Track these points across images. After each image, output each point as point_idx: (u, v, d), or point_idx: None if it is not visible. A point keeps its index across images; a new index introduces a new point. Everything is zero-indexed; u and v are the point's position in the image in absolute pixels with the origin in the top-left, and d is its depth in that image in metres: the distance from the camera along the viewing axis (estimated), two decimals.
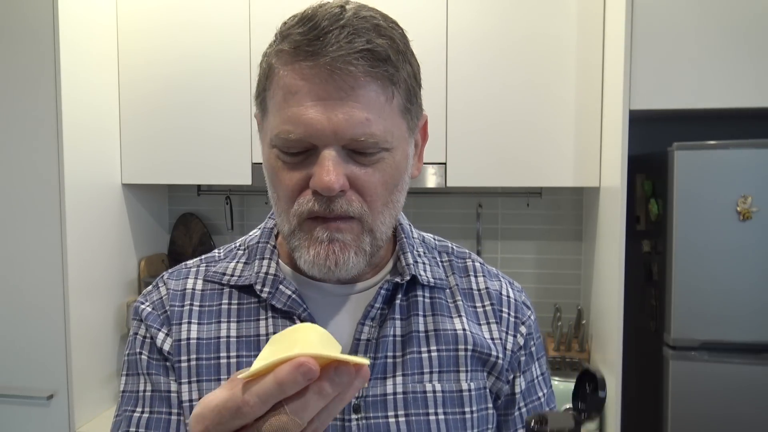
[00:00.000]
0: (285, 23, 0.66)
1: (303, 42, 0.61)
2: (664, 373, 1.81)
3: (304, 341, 0.44)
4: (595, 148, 2.03)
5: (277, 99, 0.64)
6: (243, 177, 2.13)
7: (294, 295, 0.71)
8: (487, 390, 0.74)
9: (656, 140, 1.94)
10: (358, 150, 0.63)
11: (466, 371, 0.73)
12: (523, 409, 0.77)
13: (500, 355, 0.75)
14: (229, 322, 0.72)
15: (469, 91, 2.04)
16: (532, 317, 0.80)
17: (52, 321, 1.93)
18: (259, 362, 0.44)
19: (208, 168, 2.18)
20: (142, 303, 0.76)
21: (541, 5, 2.00)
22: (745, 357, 1.75)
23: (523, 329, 0.78)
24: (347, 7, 0.63)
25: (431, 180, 2.07)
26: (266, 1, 2.09)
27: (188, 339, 0.71)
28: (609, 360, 1.87)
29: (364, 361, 0.44)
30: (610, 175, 1.91)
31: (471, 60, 2.03)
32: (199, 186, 2.54)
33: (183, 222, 2.55)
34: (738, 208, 1.74)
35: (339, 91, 0.61)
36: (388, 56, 0.62)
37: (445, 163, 2.07)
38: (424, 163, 2.05)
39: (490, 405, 0.74)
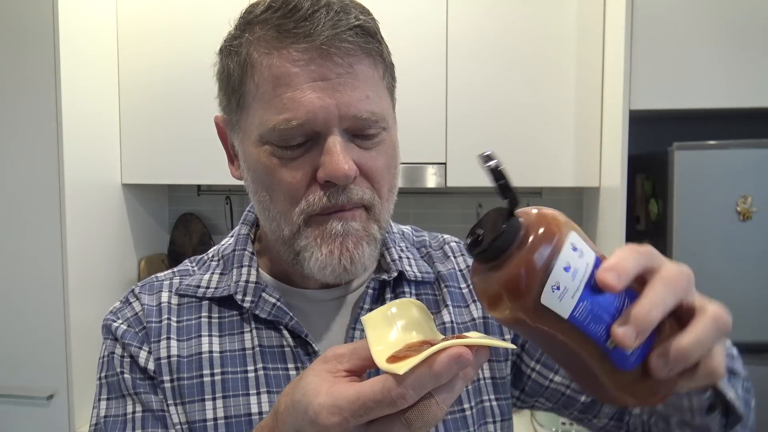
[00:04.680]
0: (249, 12, 0.62)
1: (289, 25, 0.57)
2: None
3: (410, 320, 0.45)
4: (595, 148, 2.03)
5: (264, 90, 0.59)
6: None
7: (279, 303, 0.66)
8: (484, 381, 0.70)
9: (656, 140, 1.94)
10: (361, 131, 0.60)
11: None
12: (538, 366, 0.73)
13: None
14: (210, 336, 0.67)
15: (469, 92, 2.04)
16: None
17: (52, 321, 1.93)
18: (380, 351, 0.43)
19: (208, 168, 2.17)
20: (114, 320, 0.69)
21: (541, 5, 2.00)
22: (745, 357, 1.75)
23: None
24: None
25: (431, 180, 2.07)
26: None
27: (168, 357, 0.66)
28: None
29: (509, 345, 0.45)
30: (610, 175, 1.91)
31: (471, 60, 2.03)
32: (199, 186, 2.54)
33: (183, 222, 2.55)
34: (738, 208, 1.74)
35: (338, 69, 0.58)
36: (375, 31, 0.61)
37: (445, 163, 2.07)
38: (424, 163, 2.07)
39: (486, 397, 0.70)
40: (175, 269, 0.75)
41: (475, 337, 0.43)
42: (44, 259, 1.92)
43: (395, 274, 0.70)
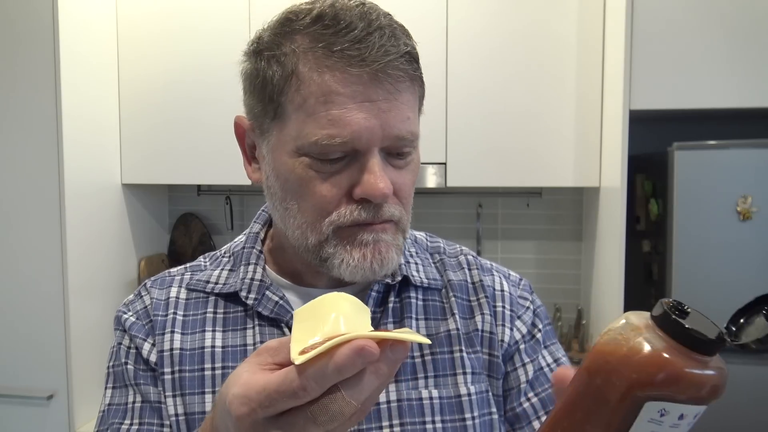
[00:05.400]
0: (291, 20, 0.62)
1: (342, 44, 0.58)
2: None
3: (338, 313, 0.44)
4: (595, 148, 2.03)
5: (310, 104, 0.59)
6: (243, 177, 2.13)
7: (281, 302, 0.68)
8: (490, 393, 0.70)
9: (656, 140, 1.94)
10: (397, 150, 0.63)
11: (464, 374, 0.68)
12: (534, 399, 0.71)
13: (495, 353, 0.71)
14: (214, 331, 0.69)
15: (469, 92, 2.04)
16: (533, 307, 0.76)
17: (52, 321, 1.93)
18: (297, 343, 0.42)
19: (208, 168, 2.18)
20: (125, 312, 0.72)
21: (542, 6, 2.00)
22: (745, 357, 1.75)
23: (519, 323, 0.73)
24: (366, 3, 0.61)
25: (431, 180, 2.07)
26: (266, 3, 2.09)
27: (171, 350, 0.68)
28: None
29: (420, 339, 0.43)
30: (610, 175, 1.91)
31: (471, 61, 2.03)
32: (199, 186, 2.54)
33: (183, 222, 2.55)
34: (738, 208, 1.74)
35: (385, 94, 0.60)
36: (418, 57, 0.64)
37: (445, 163, 2.07)
38: (424, 163, 2.06)
39: (494, 410, 0.70)
40: (188, 264, 0.77)
41: (403, 334, 0.42)
42: (44, 259, 1.92)
43: (399, 278, 0.70)
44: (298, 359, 0.40)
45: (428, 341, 0.44)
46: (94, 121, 2.09)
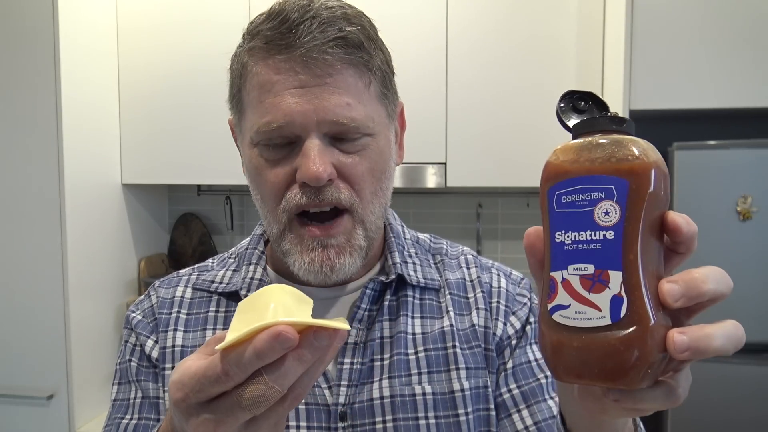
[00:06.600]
0: (252, 22, 0.66)
1: (275, 36, 0.61)
2: None
3: (277, 303, 0.44)
4: None
5: (252, 96, 0.63)
6: (243, 177, 2.13)
7: None
8: (489, 389, 0.70)
9: (656, 140, 1.93)
10: (341, 136, 0.63)
11: (458, 369, 0.69)
12: (515, 391, 0.70)
13: (489, 346, 0.72)
14: (215, 329, 0.71)
15: (469, 92, 2.04)
16: (530, 304, 0.75)
17: (52, 321, 1.93)
18: (232, 333, 0.43)
19: (208, 168, 2.18)
20: (133, 312, 0.76)
21: (541, 6, 2.00)
22: (745, 357, 1.76)
23: (513, 319, 0.73)
24: None
25: (431, 180, 2.07)
26: (266, 2, 2.08)
27: (173, 346, 0.71)
28: None
29: (342, 326, 0.43)
30: None
31: (471, 60, 2.03)
32: (199, 186, 2.54)
33: (183, 222, 2.55)
34: (738, 208, 1.74)
35: (316, 79, 0.61)
36: (361, 43, 0.63)
37: (445, 163, 2.07)
38: (424, 163, 2.07)
39: (492, 405, 0.70)
40: (197, 265, 0.80)
41: (326, 321, 0.43)
42: (44, 259, 1.92)
43: (393, 276, 0.72)
44: (222, 345, 0.42)
45: (348, 327, 0.45)
46: (94, 121, 2.08)
